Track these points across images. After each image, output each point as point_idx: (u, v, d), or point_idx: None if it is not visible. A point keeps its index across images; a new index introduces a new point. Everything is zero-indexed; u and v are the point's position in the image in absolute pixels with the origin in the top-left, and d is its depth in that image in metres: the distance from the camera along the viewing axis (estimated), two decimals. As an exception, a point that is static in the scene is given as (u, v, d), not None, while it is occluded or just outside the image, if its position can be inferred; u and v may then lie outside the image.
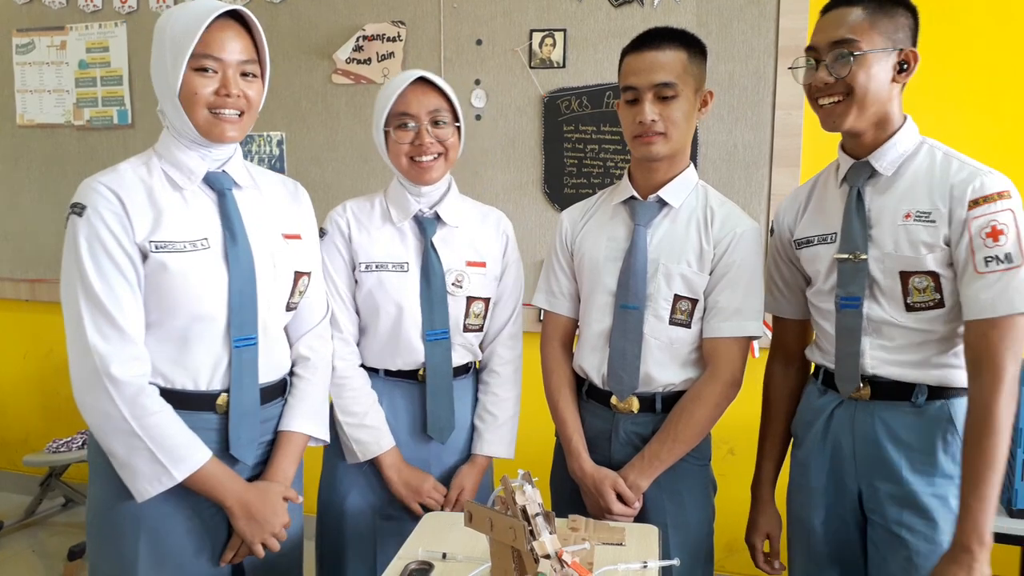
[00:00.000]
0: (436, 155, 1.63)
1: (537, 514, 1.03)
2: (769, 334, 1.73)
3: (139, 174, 1.36)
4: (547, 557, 1.00)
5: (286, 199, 1.54)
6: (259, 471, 1.48)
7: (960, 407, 1.40)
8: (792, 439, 1.66)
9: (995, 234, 1.30)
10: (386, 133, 1.63)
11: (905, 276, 1.39)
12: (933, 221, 1.36)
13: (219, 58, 1.33)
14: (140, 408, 1.30)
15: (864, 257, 1.42)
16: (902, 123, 1.44)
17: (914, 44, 1.41)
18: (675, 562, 1.33)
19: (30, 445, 3.32)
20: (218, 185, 1.41)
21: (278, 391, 1.50)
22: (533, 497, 1.05)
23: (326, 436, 1.58)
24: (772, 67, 2.45)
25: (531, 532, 1.02)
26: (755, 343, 2.61)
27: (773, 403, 1.70)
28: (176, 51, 1.30)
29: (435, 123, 1.62)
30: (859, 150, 1.46)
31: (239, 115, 1.37)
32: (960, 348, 1.39)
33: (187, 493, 1.36)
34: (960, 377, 1.40)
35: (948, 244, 1.35)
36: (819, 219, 1.53)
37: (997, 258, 1.30)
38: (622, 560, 1.31)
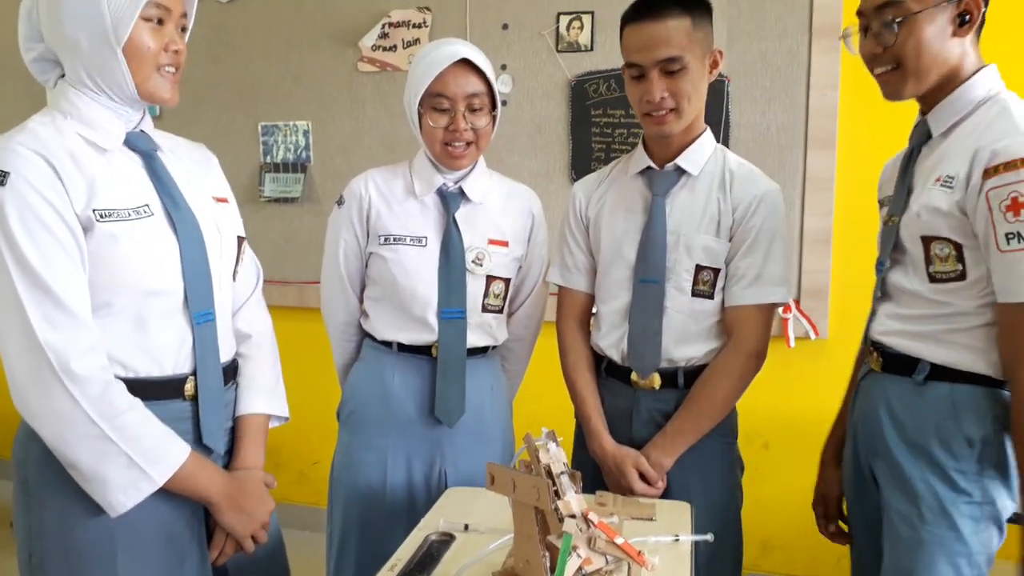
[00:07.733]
0: (467, 143, 1.57)
1: (562, 473, 0.98)
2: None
3: (51, 134, 1.16)
4: (572, 517, 0.95)
5: (202, 162, 1.40)
6: (225, 462, 1.35)
7: (965, 400, 1.24)
8: None
9: (1016, 207, 1.14)
10: (420, 113, 1.56)
11: (927, 241, 1.27)
12: (952, 187, 1.22)
13: (169, 8, 1.18)
14: (108, 406, 1.13)
15: (897, 220, 1.33)
16: (969, 77, 1.27)
17: None
18: (708, 537, 1.27)
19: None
20: (143, 147, 1.25)
21: (231, 373, 1.36)
22: (557, 456, 0.99)
23: (285, 412, 1.45)
24: (806, 46, 2.37)
25: (555, 492, 0.96)
26: (791, 333, 2.54)
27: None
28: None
29: (471, 109, 1.55)
30: (926, 108, 1.33)
31: (174, 73, 1.23)
32: (975, 328, 1.24)
33: (161, 495, 1.18)
34: (971, 361, 1.24)
35: (964, 213, 1.21)
36: (892, 181, 1.44)
37: (1019, 235, 1.14)
38: (652, 534, 1.24)
